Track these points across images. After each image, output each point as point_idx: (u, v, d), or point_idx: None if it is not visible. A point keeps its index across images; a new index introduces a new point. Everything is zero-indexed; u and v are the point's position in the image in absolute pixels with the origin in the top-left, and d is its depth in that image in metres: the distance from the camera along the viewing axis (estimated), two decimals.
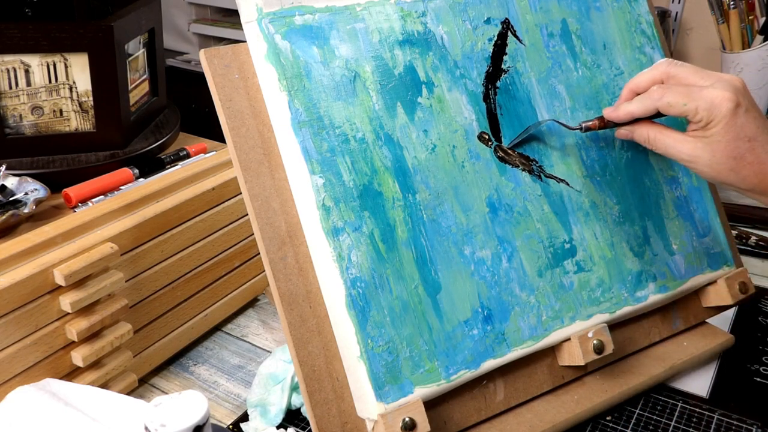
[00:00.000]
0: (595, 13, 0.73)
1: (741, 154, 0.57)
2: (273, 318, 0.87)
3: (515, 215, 0.65)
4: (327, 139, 0.59)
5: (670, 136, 0.60)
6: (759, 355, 0.79)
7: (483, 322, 0.62)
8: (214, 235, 0.79)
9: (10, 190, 0.73)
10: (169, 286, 0.75)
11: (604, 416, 0.69)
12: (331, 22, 0.61)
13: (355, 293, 0.57)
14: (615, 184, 0.71)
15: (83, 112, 0.84)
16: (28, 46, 0.78)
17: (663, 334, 0.75)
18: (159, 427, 0.45)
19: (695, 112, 0.57)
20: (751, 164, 0.57)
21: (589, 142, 0.70)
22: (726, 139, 0.57)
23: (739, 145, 0.57)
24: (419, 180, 0.62)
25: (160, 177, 0.77)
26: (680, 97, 0.58)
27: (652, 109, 0.60)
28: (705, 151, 0.58)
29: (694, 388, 0.74)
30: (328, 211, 0.57)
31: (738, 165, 0.57)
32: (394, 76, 0.62)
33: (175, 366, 0.79)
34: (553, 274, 0.66)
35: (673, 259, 0.73)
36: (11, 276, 0.60)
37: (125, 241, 0.69)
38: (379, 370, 0.57)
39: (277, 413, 0.68)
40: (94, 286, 0.65)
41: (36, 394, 0.59)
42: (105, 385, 0.69)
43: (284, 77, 0.58)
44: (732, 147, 0.57)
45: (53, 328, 0.64)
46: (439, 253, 0.61)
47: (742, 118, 0.57)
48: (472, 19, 0.67)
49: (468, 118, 0.65)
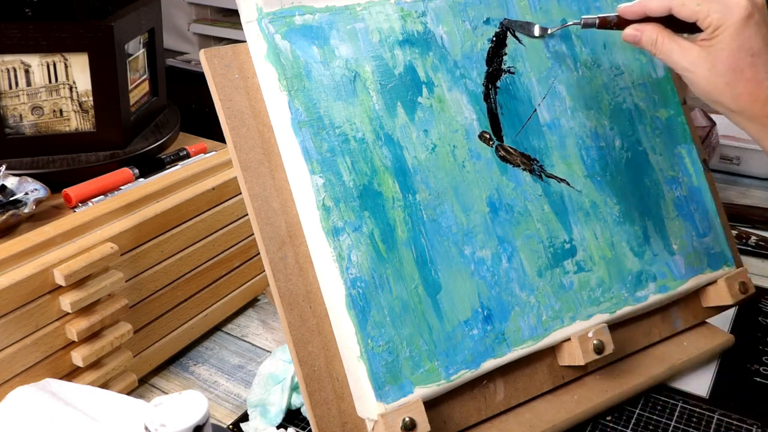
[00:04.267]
0: (594, 13, 0.73)
1: (741, 67, 0.56)
2: (273, 318, 0.87)
3: (515, 215, 0.65)
4: (327, 139, 0.59)
5: (678, 42, 0.59)
6: (759, 355, 0.79)
7: (483, 322, 0.62)
8: (214, 235, 0.79)
9: (10, 190, 0.73)
10: (169, 286, 0.75)
11: (604, 416, 0.69)
12: (331, 22, 0.61)
13: (355, 293, 0.57)
14: (615, 184, 0.71)
15: (83, 112, 0.84)
16: (28, 46, 0.78)
17: (663, 334, 0.75)
18: (159, 427, 0.44)
19: (707, 14, 0.56)
20: (748, 81, 0.56)
21: (589, 142, 0.70)
22: (730, 48, 0.56)
23: (741, 57, 0.56)
24: (419, 180, 0.62)
25: (160, 177, 0.77)
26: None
27: (666, 8, 0.58)
28: (706, 61, 0.57)
29: (694, 388, 0.74)
30: (328, 211, 0.57)
31: (735, 79, 0.56)
32: (394, 76, 0.62)
33: (175, 366, 0.79)
34: (553, 274, 0.66)
35: (674, 259, 0.73)
36: (11, 276, 0.60)
37: (125, 241, 0.69)
38: (379, 370, 0.57)
39: (277, 413, 0.68)
40: (94, 286, 0.65)
41: (36, 394, 0.59)
42: (105, 385, 0.69)
43: (284, 77, 0.58)
44: (734, 58, 0.56)
45: (53, 328, 0.64)
46: (439, 253, 0.61)
47: (752, 29, 0.56)
48: (472, 19, 0.67)
49: (468, 117, 0.65)
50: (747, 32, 0.56)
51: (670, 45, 0.59)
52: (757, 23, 0.56)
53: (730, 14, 0.56)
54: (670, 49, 0.59)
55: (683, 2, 0.57)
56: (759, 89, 0.57)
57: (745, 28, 0.56)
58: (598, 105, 0.72)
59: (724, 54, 0.56)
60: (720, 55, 0.56)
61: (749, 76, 0.56)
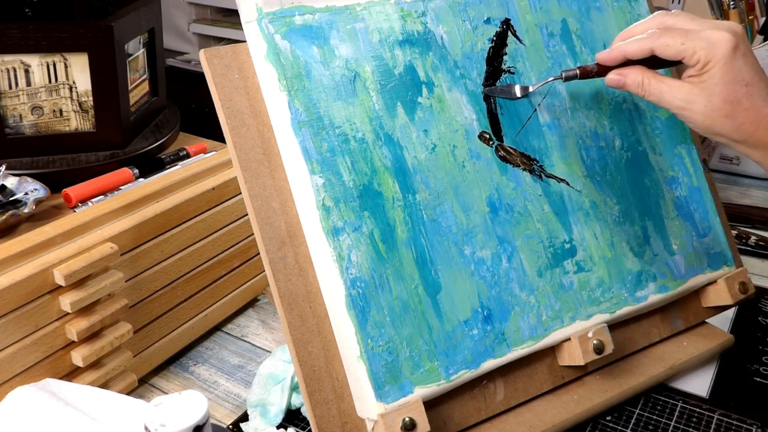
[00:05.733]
0: (595, 12, 0.73)
1: (738, 98, 0.56)
2: (273, 318, 0.87)
3: (515, 215, 0.65)
4: (327, 139, 0.59)
5: (665, 82, 0.58)
6: (759, 355, 0.79)
7: (483, 322, 0.62)
8: (214, 235, 0.79)
9: (10, 190, 0.73)
10: (169, 286, 0.75)
11: (604, 416, 0.69)
12: (331, 22, 0.61)
13: (355, 293, 0.57)
14: (615, 184, 0.71)
15: (83, 112, 0.84)
16: (28, 46, 0.78)
17: (663, 334, 0.75)
18: (159, 427, 0.45)
19: (693, 52, 0.56)
20: (747, 110, 0.56)
21: (589, 142, 0.70)
22: (723, 82, 0.56)
23: (736, 89, 0.56)
24: (419, 180, 0.62)
25: (160, 177, 0.77)
26: (678, 37, 0.56)
27: (648, 50, 0.58)
28: (701, 96, 0.56)
29: (694, 388, 0.74)
30: (328, 211, 0.57)
31: (734, 110, 0.56)
32: (394, 76, 0.62)
33: (175, 366, 0.79)
34: (553, 274, 0.66)
35: (673, 259, 0.73)
36: (11, 276, 0.60)
37: (125, 241, 0.69)
38: (379, 370, 0.57)
39: (277, 413, 0.68)
40: (94, 286, 0.65)
41: (36, 394, 0.59)
42: (105, 385, 0.69)
43: (284, 77, 0.58)
44: (729, 90, 0.56)
45: (53, 328, 0.64)
46: (439, 253, 0.61)
47: (740, 60, 0.56)
48: (472, 19, 0.67)
49: (468, 117, 0.65)
50: (737, 64, 0.56)
51: (659, 86, 0.58)
52: (744, 54, 0.56)
53: (716, 50, 0.55)
54: (659, 90, 0.58)
55: (666, 43, 0.57)
56: (760, 116, 0.56)
57: (734, 61, 0.56)
58: (598, 105, 0.72)
59: (719, 88, 0.56)
60: (714, 89, 0.56)
61: (747, 106, 0.56)
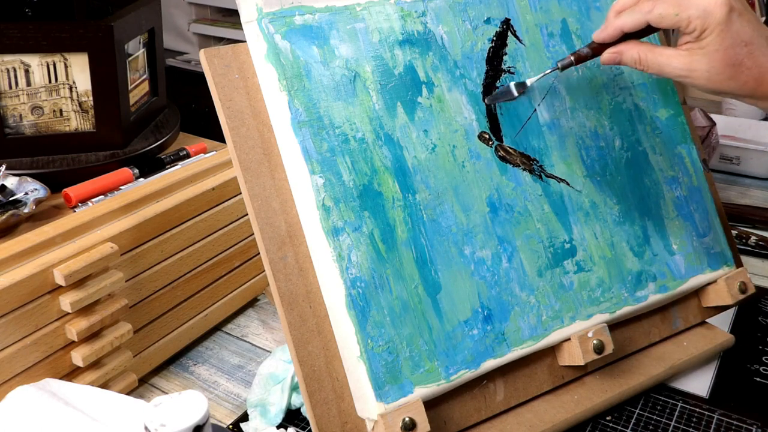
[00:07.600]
0: (595, 12, 0.73)
1: (739, 60, 0.55)
2: (273, 318, 0.87)
3: (515, 215, 0.65)
4: (327, 139, 0.59)
5: (662, 53, 0.58)
6: (759, 355, 0.79)
7: (483, 322, 0.62)
8: (214, 235, 0.79)
9: (10, 190, 0.73)
10: (169, 286, 0.75)
11: (604, 416, 0.69)
12: (331, 22, 0.61)
13: (355, 293, 0.57)
14: (615, 184, 0.71)
15: (83, 112, 0.84)
16: (28, 46, 0.78)
17: (663, 334, 0.75)
18: (159, 427, 0.45)
19: (688, 21, 0.55)
20: (750, 69, 0.56)
21: (589, 142, 0.70)
22: (723, 47, 0.55)
23: (737, 52, 0.55)
24: (419, 180, 0.62)
25: (160, 177, 0.77)
26: (671, 8, 0.56)
27: (642, 23, 0.58)
28: (701, 63, 0.56)
29: (694, 388, 0.74)
30: (328, 211, 0.57)
31: (737, 72, 0.56)
32: (394, 76, 0.62)
33: (175, 366, 0.79)
34: (553, 274, 0.66)
35: (673, 259, 0.73)
36: (11, 276, 0.60)
37: (125, 241, 0.69)
38: (379, 370, 0.57)
39: (277, 413, 0.68)
40: (94, 286, 0.65)
41: (36, 394, 0.59)
42: (105, 385, 0.69)
43: (284, 77, 0.58)
44: (730, 54, 0.55)
45: (53, 328, 0.64)
46: (439, 253, 0.61)
47: (737, 22, 0.55)
48: (472, 19, 0.67)
49: (468, 117, 0.65)
50: (734, 27, 0.55)
51: (656, 58, 0.58)
52: (740, 13, 0.55)
53: (711, 17, 0.55)
54: (658, 62, 0.58)
55: (661, 14, 0.56)
56: (763, 71, 0.56)
57: (731, 24, 0.55)
58: (598, 105, 0.72)
59: (719, 53, 0.55)
60: (715, 55, 0.56)
61: (750, 65, 0.56)
